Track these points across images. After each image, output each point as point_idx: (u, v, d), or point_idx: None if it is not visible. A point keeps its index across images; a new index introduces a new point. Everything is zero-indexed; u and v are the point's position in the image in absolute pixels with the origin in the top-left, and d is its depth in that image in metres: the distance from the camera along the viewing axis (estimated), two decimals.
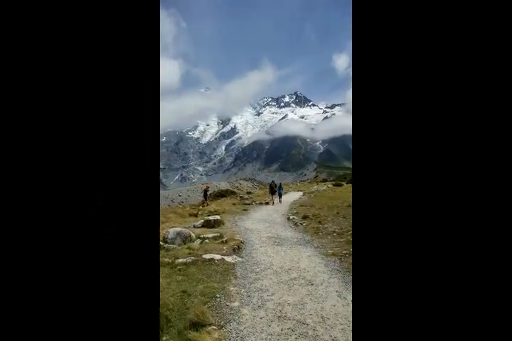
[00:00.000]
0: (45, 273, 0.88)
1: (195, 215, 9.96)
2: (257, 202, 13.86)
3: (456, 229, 0.87)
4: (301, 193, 20.60)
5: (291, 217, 8.74)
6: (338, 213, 9.29)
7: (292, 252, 4.86)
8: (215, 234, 5.73)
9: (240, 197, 15.53)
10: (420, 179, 0.91)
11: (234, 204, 13.24)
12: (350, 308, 2.72)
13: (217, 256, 4.38)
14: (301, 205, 12.34)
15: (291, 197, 17.37)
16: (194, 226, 7.29)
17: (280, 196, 14.01)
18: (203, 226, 7.24)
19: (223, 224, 7.44)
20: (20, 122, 0.87)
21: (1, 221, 0.85)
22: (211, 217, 7.64)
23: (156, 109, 1.00)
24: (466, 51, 0.87)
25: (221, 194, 17.47)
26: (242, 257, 4.57)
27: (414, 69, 0.91)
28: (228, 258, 4.38)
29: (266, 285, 3.34)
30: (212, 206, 11.99)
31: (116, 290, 0.94)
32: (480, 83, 0.86)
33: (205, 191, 13.76)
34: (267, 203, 13.87)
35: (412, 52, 0.92)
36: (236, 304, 2.84)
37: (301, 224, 7.63)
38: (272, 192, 13.48)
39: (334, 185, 29.30)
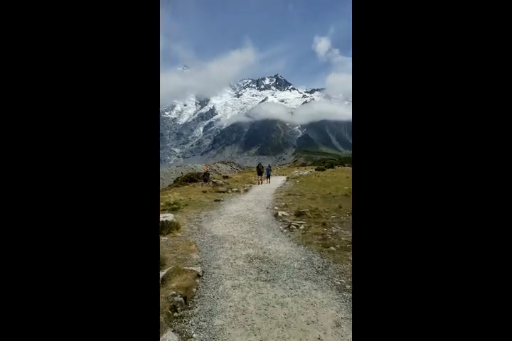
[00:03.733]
0: (45, 273, 0.88)
1: None
2: (235, 189, 11.19)
3: (458, 229, 0.87)
4: (283, 178, 18.22)
5: (279, 214, 6.22)
6: (340, 207, 6.93)
7: (299, 308, 2.31)
8: None
9: (213, 182, 12.64)
10: (421, 175, 0.91)
11: (204, 192, 10.49)
12: None
13: None
14: (289, 194, 9.89)
15: (274, 182, 14.92)
16: None
17: (269, 177, 14.74)
18: None
19: (177, 228, 4.73)
20: (20, 123, 0.88)
21: (0, 221, 0.86)
22: (160, 217, 4.90)
23: (155, 109, 1.01)
24: (464, 47, 0.89)
25: (190, 178, 14.53)
26: None
27: (414, 64, 0.93)
28: None
29: None
30: (174, 195, 9.18)
31: (116, 290, 0.93)
32: (478, 76, 0.88)
33: (206, 173, 13.53)
34: (246, 190, 11.31)
35: (411, 47, 0.93)
36: None
37: (296, 226, 5.12)
38: (259, 173, 14.07)
39: (317, 170, 27.51)
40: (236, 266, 3.25)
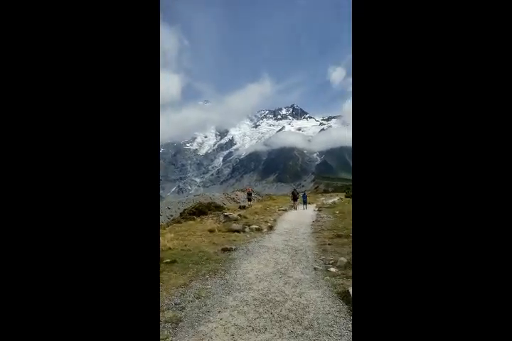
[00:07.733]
0: (45, 273, 0.88)
1: None
2: (254, 226, 7.89)
3: (458, 232, 0.87)
4: (313, 207, 14.75)
5: (351, 291, 2.92)
6: None
7: None
8: None
9: (225, 215, 9.36)
10: (421, 183, 0.91)
11: (212, 230, 7.31)
12: None
13: None
14: (337, 235, 6.48)
15: (304, 213, 11.56)
16: None
17: (305, 203, 14.69)
18: None
19: None
20: (20, 125, 0.89)
21: (1, 221, 0.86)
22: None
23: (155, 117, 1.02)
24: (464, 54, 0.88)
25: (199, 210, 11.46)
26: None
27: (415, 75, 0.92)
28: None
29: None
30: (166, 238, 6.07)
31: (117, 290, 0.94)
32: (476, 76, 0.88)
33: (249, 194, 15.70)
34: (270, 227, 8.03)
35: (412, 58, 0.92)
36: None
37: None
38: (295, 198, 14.24)
39: (347, 197, 23.71)
40: None
